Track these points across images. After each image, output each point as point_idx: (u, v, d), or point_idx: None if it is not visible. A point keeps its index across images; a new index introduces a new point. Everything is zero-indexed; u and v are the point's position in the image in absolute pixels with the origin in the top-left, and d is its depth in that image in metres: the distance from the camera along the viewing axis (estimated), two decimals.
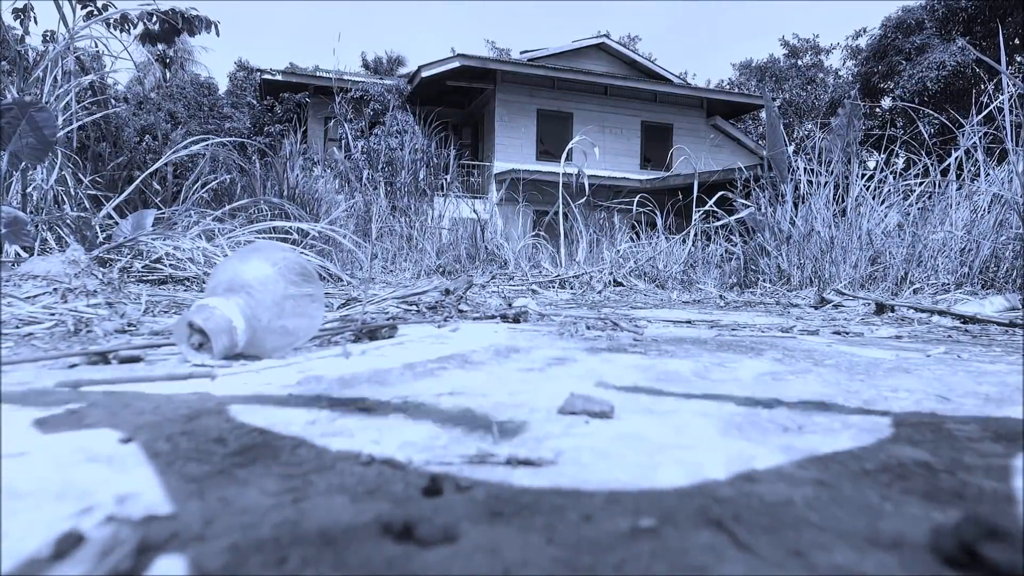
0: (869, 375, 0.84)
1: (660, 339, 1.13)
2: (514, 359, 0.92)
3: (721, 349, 1.04)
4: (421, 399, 0.65)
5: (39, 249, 2.74)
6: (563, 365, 0.87)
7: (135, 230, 3.36)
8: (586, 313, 1.78)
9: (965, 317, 1.37)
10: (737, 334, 1.27)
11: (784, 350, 1.04)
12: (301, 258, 0.91)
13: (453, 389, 0.70)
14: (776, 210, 3.98)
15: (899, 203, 3.79)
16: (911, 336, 1.27)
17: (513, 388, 0.70)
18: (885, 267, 3.20)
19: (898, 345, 1.16)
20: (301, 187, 6.35)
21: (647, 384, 0.76)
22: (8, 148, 2.63)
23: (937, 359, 1.00)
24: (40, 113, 2.73)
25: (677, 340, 1.13)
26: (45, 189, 2.69)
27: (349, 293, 2.99)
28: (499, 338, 1.11)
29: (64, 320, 0.98)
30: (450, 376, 0.77)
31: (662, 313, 1.81)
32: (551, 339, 1.10)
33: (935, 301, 2.38)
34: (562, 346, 1.03)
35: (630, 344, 1.05)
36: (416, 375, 0.77)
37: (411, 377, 0.75)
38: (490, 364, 0.87)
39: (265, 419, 0.59)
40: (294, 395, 0.66)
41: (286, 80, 16.23)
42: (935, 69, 20.64)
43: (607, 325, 1.35)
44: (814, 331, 1.33)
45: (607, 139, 19.43)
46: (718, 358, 0.95)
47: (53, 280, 1.08)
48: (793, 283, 3.77)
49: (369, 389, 0.69)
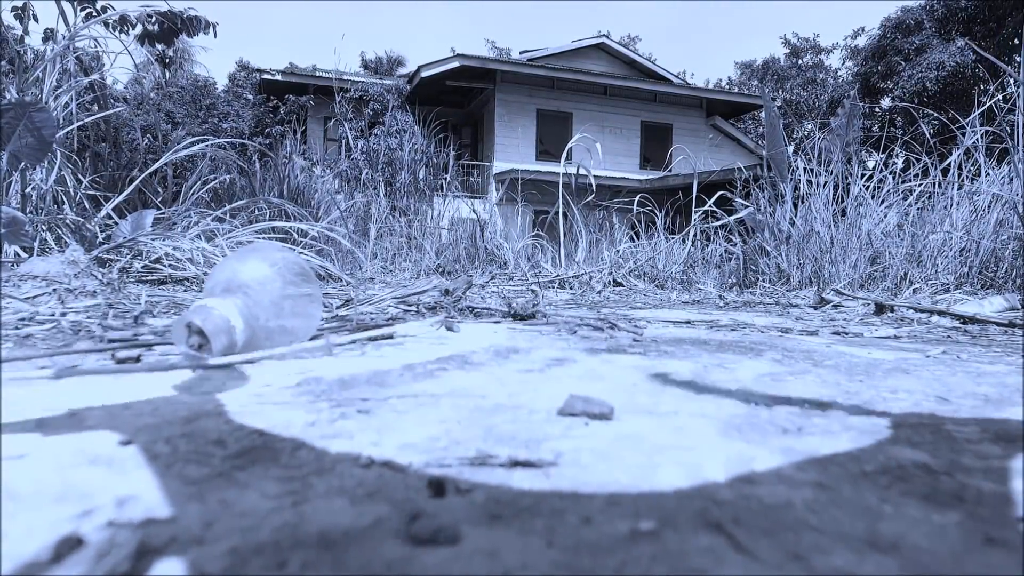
0: (868, 376, 0.84)
1: (660, 340, 1.13)
2: (514, 360, 0.92)
3: (721, 350, 1.04)
4: (420, 400, 0.65)
5: (38, 249, 2.73)
6: (562, 366, 0.87)
7: (135, 230, 3.36)
8: (586, 313, 1.78)
9: (965, 317, 1.37)
10: (736, 334, 1.27)
11: (783, 351, 1.04)
12: (299, 258, 0.92)
13: (452, 390, 0.70)
14: (776, 210, 3.99)
15: (899, 203, 3.79)
16: (910, 336, 1.27)
17: (513, 389, 0.70)
18: (885, 267, 3.20)
19: (897, 346, 1.16)
20: (301, 187, 6.35)
21: (646, 385, 0.76)
22: (7, 148, 2.63)
23: (936, 359, 1.00)
24: (39, 113, 2.72)
25: (676, 341, 1.13)
26: (44, 189, 2.69)
27: (348, 293, 2.99)
28: (499, 339, 1.11)
29: (62, 320, 0.98)
30: (450, 377, 0.77)
31: (661, 313, 1.81)
32: (551, 339, 1.10)
33: (934, 301, 2.38)
34: (562, 347, 1.03)
35: (629, 345, 1.05)
36: (415, 376, 0.77)
37: (410, 378, 0.75)
38: (490, 365, 0.87)
39: (265, 421, 0.59)
40: (294, 396, 0.66)
41: (286, 80, 16.22)
42: (934, 69, 20.65)
43: (606, 325, 1.35)
44: (813, 331, 1.33)
45: (607, 139, 19.43)
46: (717, 359, 0.95)
47: (52, 280, 1.08)
48: (793, 283, 3.77)
49: (369, 390, 0.69)
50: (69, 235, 2.90)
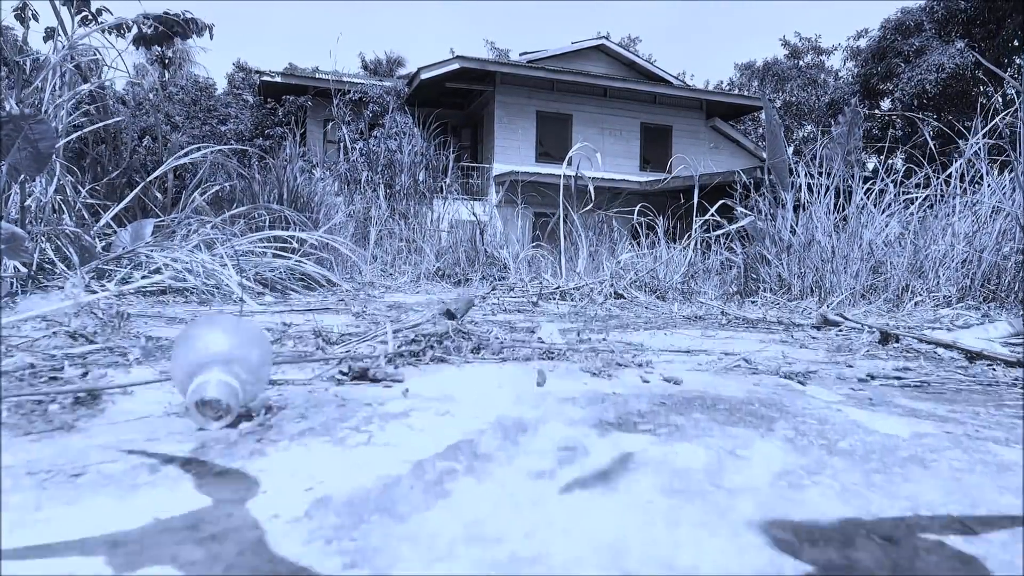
0: (885, 469, 0.83)
1: (668, 401, 1.12)
2: (523, 446, 0.90)
3: (731, 420, 1.03)
4: (436, 552, 0.61)
5: (37, 262, 2.72)
6: (574, 463, 0.86)
7: (134, 240, 3.35)
8: (593, 336, 1.77)
9: (972, 353, 1.36)
10: (746, 383, 1.25)
11: (795, 423, 1.02)
12: (255, 325, 1.00)
13: (466, 526, 0.67)
14: (776, 218, 3.98)
15: (900, 211, 3.78)
16: (919, 380, 1.25)
17: (527, 523, 0.68)
18: (887, 278, 3.19)
19: (910, 407, 1.15)
20: (301, 190, 6.34)
21: (662, 502, 0.74)
22: (6, 160, 2.62)
23: (953, 441, 0.98)
24: (38, 126, 2.71)
25: (686, 402, 1.11)
26: (44, 201, 2.68)
27: (350, 308, 2.98)
28: (504, 402, 1.10)
29: (62, 367, 0.98)
30: (461, 495, 0.75)
31: (664, 340, 1.80)
32: (557, 404, 1.09)
33: (936, 317, 2.37)
34: (569, 417, 1.01)
35: (638, 416, 1.03)
36: (426, 490, 0.75)
37: (422, 498, 0.73)
38: (499, 459, 0.85)
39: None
40: (304, 541, 0.63)
41: (285, 82, 16.21)
42: (934, 72, 20.65)
43: (611, 365, 1.34)
44: (820, 376, 1.32)
45: (606, 141, 19.43)
46: (730, 439, 0.94)
47: (52, 321, 1.07)
48: (794, 292, 3.77)
49: (380, 525, 0.66)
50: (68, 246, 2.89)
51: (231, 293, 2.97)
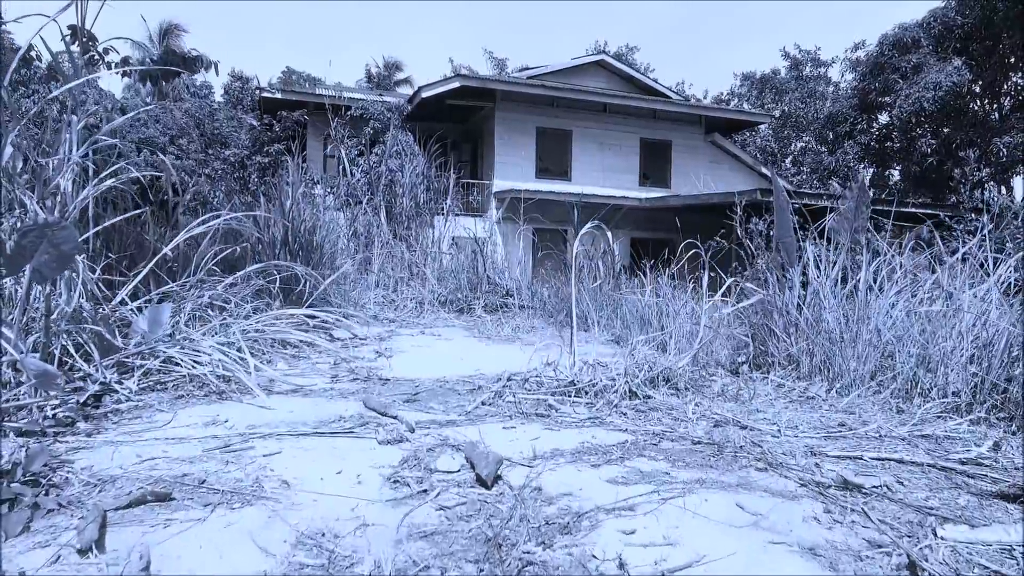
0: None
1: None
2: None
3: None
4: None
5: (59, 362, 2.75)
6: None
7: (152, 326, 3.38)
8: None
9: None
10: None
11: None
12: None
13: None
14: (785, 293, 4.03)
15: (907, 288, 3.82)
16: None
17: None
18: (895, 372, 3.24)
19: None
20: (307, 228, 6.40)
21: None
22: (30, 265, 2.66)
23: None
24: (61, 232, 2.74)
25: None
26: (68, 312, 2.70)
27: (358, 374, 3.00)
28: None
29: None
30: None
31: (664, 526, 1.80)
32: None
33: (947, 432, 2.42)
34: None
35: None
36: None
37: None
38: None
39: None
40: None
41: (285, 98, 16.21)
42: (931, 90, 20.78)
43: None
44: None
45: (606, 156, 19.52)
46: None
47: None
48: (803, 370, 3.82)
49: None
50: (89, 342, 2.92)
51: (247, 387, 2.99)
